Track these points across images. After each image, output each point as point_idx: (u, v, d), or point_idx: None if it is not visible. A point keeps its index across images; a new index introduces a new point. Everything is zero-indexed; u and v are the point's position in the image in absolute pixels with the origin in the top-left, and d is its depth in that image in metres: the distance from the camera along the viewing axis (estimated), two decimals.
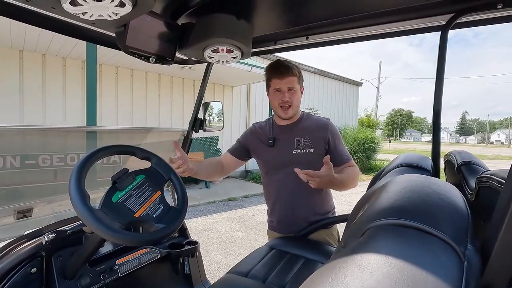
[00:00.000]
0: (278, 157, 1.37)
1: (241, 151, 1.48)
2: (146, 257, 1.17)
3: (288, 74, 1.28)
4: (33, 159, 1.28)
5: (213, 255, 3.11)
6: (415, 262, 0.28)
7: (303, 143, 1.33)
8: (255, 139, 1.45)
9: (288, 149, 1.34)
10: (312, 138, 1.33)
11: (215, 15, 0.96)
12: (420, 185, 0.46)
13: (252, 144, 1.46)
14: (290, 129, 1.38)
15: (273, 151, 1.38)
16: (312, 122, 1.38)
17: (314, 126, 1.36)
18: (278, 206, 1.41)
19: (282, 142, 1.37)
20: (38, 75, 4.90)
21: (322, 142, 1.33)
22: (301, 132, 1.35)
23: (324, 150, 1.34)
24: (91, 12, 0.68)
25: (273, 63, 1.34)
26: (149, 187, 0.86)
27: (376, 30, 1.03)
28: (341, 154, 1.35)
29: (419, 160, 0.90)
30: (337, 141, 1.35)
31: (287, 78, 1.28)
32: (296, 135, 1.35)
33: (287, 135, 1.37)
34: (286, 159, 1.34)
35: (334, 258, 0.36)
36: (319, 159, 1.30)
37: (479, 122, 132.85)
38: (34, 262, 0.89)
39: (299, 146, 1.33)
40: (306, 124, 1.37)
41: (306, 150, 1.32)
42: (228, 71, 5.95)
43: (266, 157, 1.41)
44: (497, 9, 0.80)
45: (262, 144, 1.41)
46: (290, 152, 1.33)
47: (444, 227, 0.35)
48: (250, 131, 1.49)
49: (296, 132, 1.36)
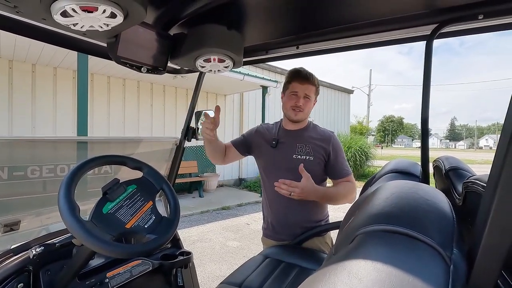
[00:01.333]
0: (278, 159, 1.39)
1: (243, 145, 1.52)
2: (137, 269, 1.15)
3: (309, 82, 1.35)
4: (22, 171, 1.25)
5: (207, 265, 3.06)
6: (402, 268, 0.29)
7: (304, 150, 1.36)
8: (259, 138, 1.49)
9: (289, 153, 1.37)
10: (313, 146, 1.36)
11: (206, 25, 0.97)
12: (407, 191, 0.47)
13: (255, 141, 1.50)
14: (295, 134, 1.41)
15: (274, 152, 1.41)
16: (317, 133, 1.42)
17: (318, 137, 1.39)
18: (272, 210, 1.42)
19: (285, 146, 1.40)
20: (28, 85, 4.84)
21: (322, 153, 1.36)
22: (305, 139, 1.38)
23: (324, 161, 1.36)
24: (82, 23, 0.68)
25: (297, 68, 1.40)
26: (140, 197, 0.85)
27: (364, 40, 1.06)
28: (340, 168, 1.37)
29: (409, 166, 0.92)
30: (338, 155, 1.38)
31: (307, 85, 1.35)
32: (299, 141, 1.38)
33: (290, 139, 1.40)
34: (285, 163, 1.36)
35: (324, 265, 0.36)
36: (317, 168, 1.34)
37: (468, 127, 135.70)
38: (21, 278, 0.86)
39: (300, 152, 1.36)
40: (311, 133, 1.41)
41: (306, 157, 1.34)
42: (221, 80, 5.98)
43: (266, 157, 1.44)
44: (478, 19, 0.84)
45: (265, 144, 1.45)
46: (290, 156, 1.36)
47: (430, 232, 0.36)
48: (256, 130, 1.54)
49: (300, 138, 1.39)
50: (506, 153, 0.30)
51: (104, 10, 0.63)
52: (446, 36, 0.96)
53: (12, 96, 4.71)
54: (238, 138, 1.57)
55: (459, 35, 0.96)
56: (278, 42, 1.17)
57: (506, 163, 0.30)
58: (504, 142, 0.30)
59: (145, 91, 6.29)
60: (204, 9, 0.88)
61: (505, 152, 0.30)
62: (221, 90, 7.35)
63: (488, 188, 0.33)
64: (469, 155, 36.78)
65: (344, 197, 1.33)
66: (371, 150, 10.35)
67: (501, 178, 0.31)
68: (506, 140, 0.30)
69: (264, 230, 1.51)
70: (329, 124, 11.42)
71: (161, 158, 1.55)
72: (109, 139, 1.92)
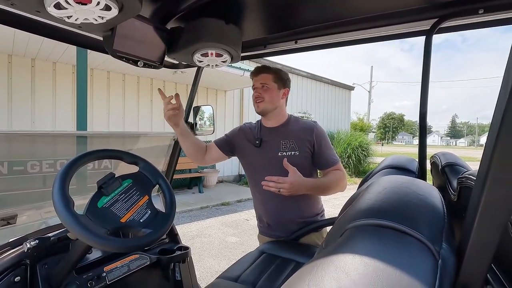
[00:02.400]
0: (263, 158, 1.38)
1: (226, 145, 1.49)
2: (135, 263, 1.15)
3: (262, 72, 1.36)
4: (22, 165, 1.25)
5: (206, 260, 3.08)
6: (390, 262, 0.29)
7: (288, 146, 1.34)
8: (242, 137, 1.47)
9: (274, 151, 1.35)
10: (297, 141, 1.34)
11: (204, 19, 0.96)
12: (400, 186, 0.47)
13: (238, 141, 1.47)
14: (276, 132, 1.40)
15: (259, 152, 1.39)
16: (299, 126, 1.40)
17: (300, 129, 1.37)
18: (266, 209, 1.41)
19: (268, 144, 1.38)
20: (28, 80, 4.83)
21: (307, 145, 1.34)
22: (287, 134, 1.37)
23: (310, 153, 1.35)
24: (76, 16, 0.67)
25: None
26: (136, 191, 0.85)
27: (363, 35, 1.05)
28: (327, 157, 1.35)
29: (406, 162, 0.92)
30: (322, 144, 1.36)
31: (261, 75, 1.36)
32: (282, 137, 1.37)
33: (273, 137, 1.39)
34: (272, 161, 1.35)
35: (313, 259, 0.36)
36: (304, 162, 1.33)
37: (469, 125, 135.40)
38: (18, 271, 0.86)
39: (285, 148, 1.34)
40: (293, 128, 1.39)
41: (292, 152, 1.33)
42: (220, 76, 5.96)
43: (252, 158, 1.43)
44: (478, 14, 0.83)
45: (249, 144, 1.43)
46: (275, 154, 1.34)
47: (420, 227, 0.36)
48: (239, 129, 1.52)
49: (282, 134, 1.38)
50: (494, 148, 0.30)
51: (98, 2, 0.62)
52: (446, 31, 0.95)
53: (12, 91, 4.70)
54: (221, 137, 1.52)
55: (459, 30, 0.95)
56: (277, 36, 1.16)
57: (494, 158, 0.30)
58: (492, 137, 0.30)
59: (145, 87, 6.28)
60: (201, 3, 0.87)
61: (493, 147, 0.30)
62: (221, 86, 7.33)
63: (478, 183, 0.32)
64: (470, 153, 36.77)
65: (336, 185, 1.31)
66: (371, 146, 10.33)
67: (489, 173, 0.30)
68: (494, 135, 0.30)
69: (260, 228, 1.50)
70: (329, 120, 11.40)
71: (160, 153, 1.55)
72: (107, 133, 1.92)
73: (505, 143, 0.29)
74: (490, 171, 0.30)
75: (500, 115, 0.29)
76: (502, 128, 0.29)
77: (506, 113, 0.28)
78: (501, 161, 0.30)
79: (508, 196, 0.30)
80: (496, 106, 0.31)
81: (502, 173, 0.30)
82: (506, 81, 0.29)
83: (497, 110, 0.30)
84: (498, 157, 0.30)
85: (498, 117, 0.30)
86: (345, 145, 9.58)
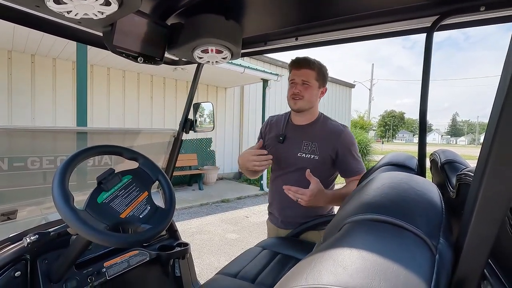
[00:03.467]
0: (283, 156, 1.36)
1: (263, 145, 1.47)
2: (135, 259, 1.16)
3: (305, 67, 1.29)
4: (22, 162, 1.25)
5: (206, 257, 3.09)
6: (388, 256, 0.29)
7: (309, 148, 1.30)
8: (269, 131, 1.47)
9: (294, 151, 1.33)
10: (320, 145, 1.30)
11: (204, 15, 0.96)
12: (398, 182, 0.47)
13: (267, 136, 1.47)
14: (302, 130, 1.36)
15: (281, 148, 1.37)
16: (326, 128, 1.34)
17: (326, 133, 1.32)
18: (276, 202, 1.42)
19: (291, 142, 1.36)
20: (27, 76, 4.82)
21: (329, 151, 1.29)
22: (312, 136, 1.33)
23: (331, 160, 1.30)
24: (76, 11, 0.67)
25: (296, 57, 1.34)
26: (136, 187, 0.85)
27: (364, 32, 1.04)
28: (350, 166, 1.29)
29: (405, 160, 0.92)
30: (347, 152, 1.29)
31: (303, 70, 1.29)
32: (305, 138, 1.33)
33: (297, 135, 1.36)
34: (290, 160, 1.33)
35: (311, 254, 0.36)
36: (321, 167, 1.29)
37: (470, 123, 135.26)
38: (18, 266, 0.87)
39: (305, 150, 1.31)
40: (320, 129, 1.34)
41: (311, 156, 1.29)
42: (221, 73, 5.94)
43: (273, 152, 1.38)
44: (480, 11, 0.82)
45: (274, 138, 1.42)
46: (295, 154, 1.32)
47: (418, 222, 0.36)
48: (266, 124, 1.51)
49: (306, 135, 1.34)
50: (492, 143, 0.30)
51: None
52: (447, 28, 0.95)
53: (12, 87, 4.69)
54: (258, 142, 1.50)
55: (461, 27, 0.95)
56: (277, 33, 1.16)
57: (492, 153, 0.30)
58: (490, 132, 0.30)
59: (145, 83, 6.27)
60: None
61: (491, 142, 0.30)
62: (222, 83, 7.31)
63: (476, 178, 0.33)
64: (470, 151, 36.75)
65: None
66: (371, 144, 10.33)
67: (487, 168, 0.31)
68: (492, 130, 0.30)
69: (269, 214, 1.52)
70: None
71: (159, 150, 1.55)
72: (107, 129, 1.92)
73: (503, 138, 0.29)
74: (488, 166, 0.30)
75: (499, 110, 0.29)
76: (500, 123, 0.29)
77: (504, 108, 0.28)
78: (499, 156, 0.30)
79: (506, 191, 0.30)
80: (495, 101, 0.31)
81: (500, 168, 0.30)
82: (505, 77, 0.29)
83: (496, 105, 0.30)
84: (496, 152, 0.30)
85: (496, 111, 0.30)
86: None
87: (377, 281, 0.26)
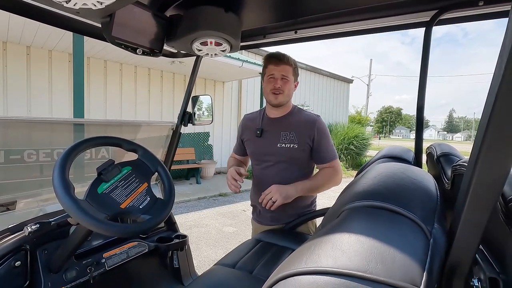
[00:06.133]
0: (263, 149, 1.40)
1: (241, 148, 1.54)
2: (134, 250, 1.17)
3: (283, 62, 1.32)
4: (18, 154, 1.25)
5: (203, 250, 3.12)
6: (384, 240, 0.30)
7: (288, 138, 1.34)
8: (246, 131, 1.49)
9: (273, 142, 1.36)
10: (298, 133, 1.34)
11: (203, 7, 0.95)
12: (395, 171, 0.48)
13: (244, 136, 1.50)
14: (278, 122, 1.40)
15: (260, 141, 1.40)
16: (301, 118, 1.38)
17: (302, 122, 1.36)
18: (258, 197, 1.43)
19: (269, 134, 1.39)
20: (23, 68, 4.76)
21: (307, 139, 1.33)
22: (289, 126, 1.36)
23: (309, 147, 1.34)
24: (74, 1, 0.67)
25: (271, 52, 1.37)
26: (135, 178, 0.86)
27: (362, 26, 1.05)
28: (324, 153, 1.35)
29: (402, 153, 0.93)
30: (322, 140, 1.34)
31: (282, 66, 1.32)
32: (283, 128, 1.37)
33: (275, 127, 1.39)
34: (270, 152, 1.36)
35: (310, 239, 0.37)
36: (302, 155, 1.34)
37: (466, 120, 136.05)
38: (18, 256, 0.87)
39: (284, 140, 1.34)
40: (295, 119, 1.38)
41: (291, 145, 1.33)
42: (219, 67, 5.91)
43: (253, 148, 1.44)
44: (478, 6, 0.83)
45: (252, 135, 1.44)
46: (275, 145, 1.35)
47: (412, 208, 0.37)
48: (241, 125, 1.54)
49: (283, 125, 1.37)
50: (485, 132, 0.31)
51: None
52: (445, 23, 0.95)
53: (7, 79, 4.64)
54: (236, 144, 1.59)
55: (459, 22, 0.95)
56: (276, 26, 1.16)
57: (484, 142, 0.31)
58: (484, 121, 0.31)
59: (142, 77, 6.22)
60: None
61: (484, 131, 0.31)
62: (220, 77, 7.28)
63: (469, 166, 0.34)
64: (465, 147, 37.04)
65: (328, 182, 1.33)
66: (368, 139, 10.37)
67: (480, 156, 0.32)
68: (485, 121, 0.31)
69: (253, 214, 1.54)
70: (327, 113, 11.40)
71: (158, 143, 1.55)
72: (104, 121, 1.91)
73: (496, 127, 0.30)
74: (480, 154, 0.31)
75: (492, 99, 0.30)
76: (493, 114, 0.30)
77: (497, 97, 0.29)
78: (491, 145, 0.31)
79: (497, 179, 0.31)
80: (488, 94, 0.32)
81: (492, 156, 0.31)
82: (499, 66, 0.30)
83: (489, 97, 0.31)
84: (489, 141, 0.31)
85: (490, 103, 0.31)
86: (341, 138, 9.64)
87: (374, 263, 0.27)
